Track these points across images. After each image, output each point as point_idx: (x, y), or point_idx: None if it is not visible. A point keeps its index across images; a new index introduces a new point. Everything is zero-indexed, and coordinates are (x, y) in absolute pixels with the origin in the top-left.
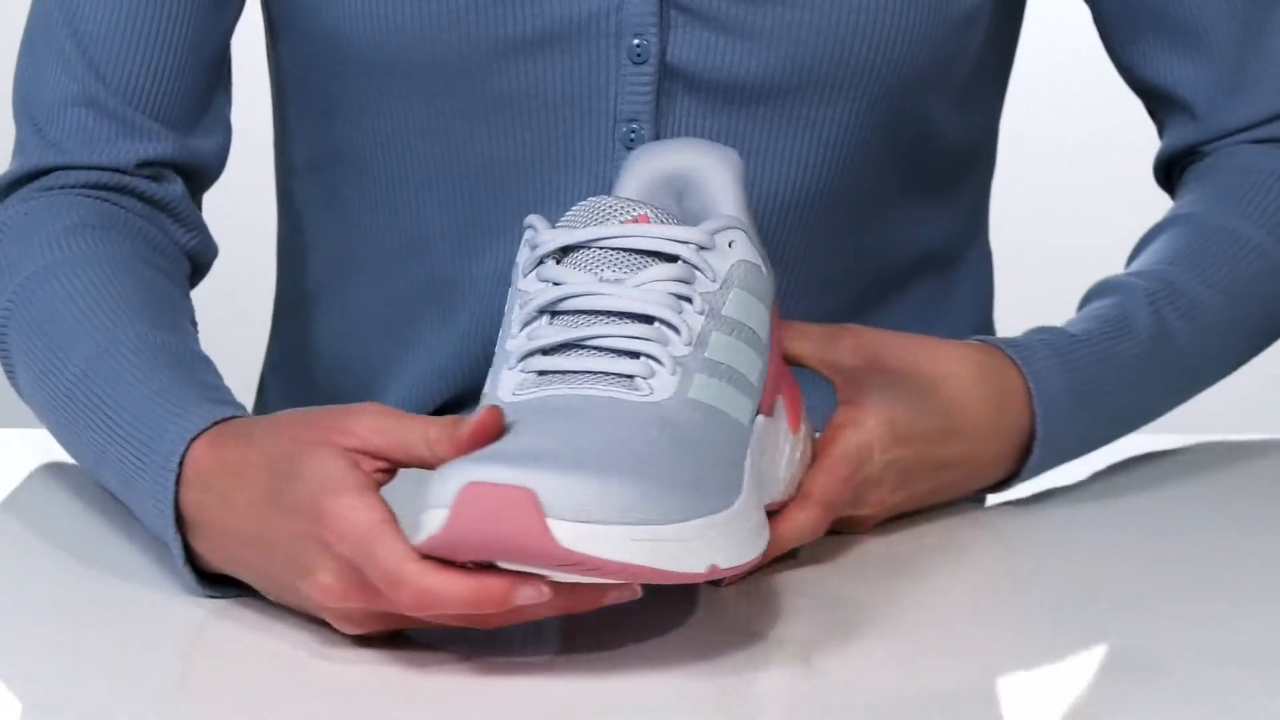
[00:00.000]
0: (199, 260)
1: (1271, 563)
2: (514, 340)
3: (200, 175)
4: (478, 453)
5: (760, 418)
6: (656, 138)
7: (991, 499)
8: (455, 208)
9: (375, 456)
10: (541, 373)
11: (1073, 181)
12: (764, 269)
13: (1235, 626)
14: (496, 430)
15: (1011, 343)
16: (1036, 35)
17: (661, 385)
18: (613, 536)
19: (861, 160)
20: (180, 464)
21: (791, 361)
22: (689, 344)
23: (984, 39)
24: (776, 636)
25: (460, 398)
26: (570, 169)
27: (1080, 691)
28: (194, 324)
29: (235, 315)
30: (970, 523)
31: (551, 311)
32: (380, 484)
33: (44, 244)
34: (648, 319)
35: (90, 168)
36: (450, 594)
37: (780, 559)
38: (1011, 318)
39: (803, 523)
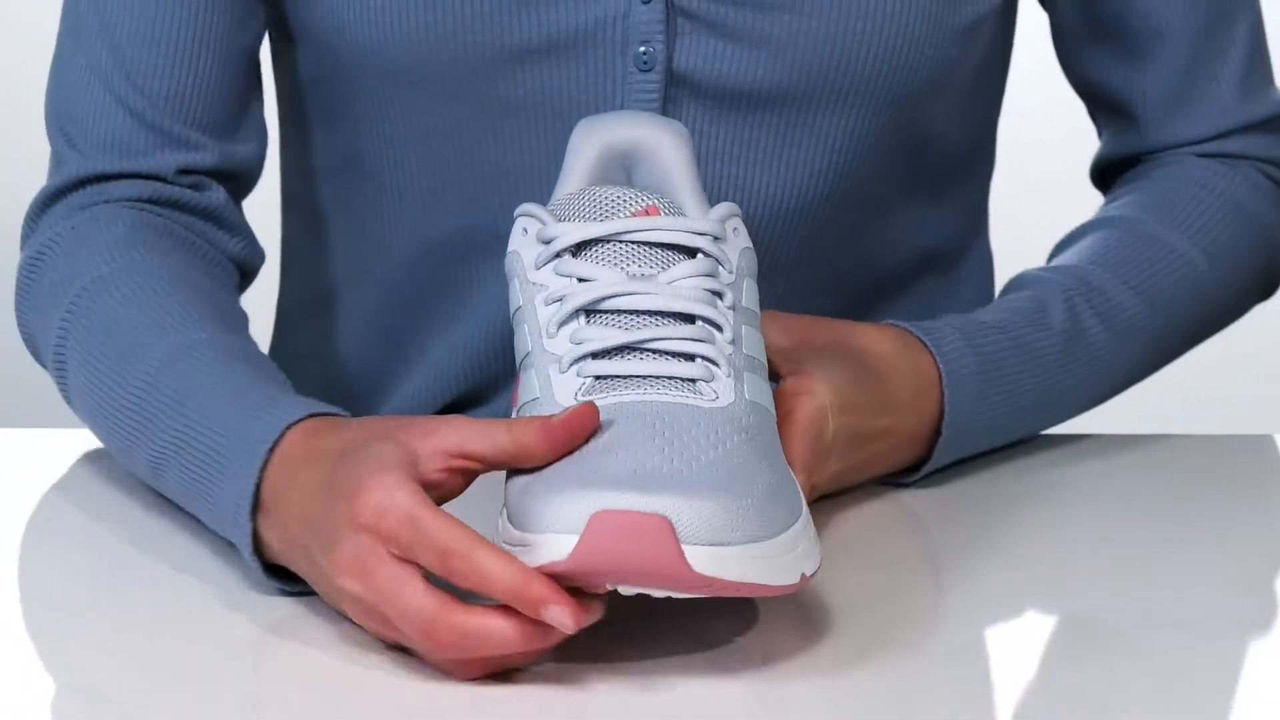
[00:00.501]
0: (246, 266)
1: (1212, 544)
2: (554, 340)
3: (241, 180)
4: (593, 474)
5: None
6: None
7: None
8: (463, 214)
9: (457, 454)
10: (599, 377)
11: (1072, 181)
12: (751, 248)
13: (1180, 599)
14: (591, 427)
15: (923, 326)
16: (1036, 35)
17: (723, 388)
18: (736, 557)
19: (865, 165)
20: (272, 449)
21: None
22: (731, 341)
23: (987, 44)
24: (779, 632)
25: (462, 400)
26: None
27: (1039, 653)
28: (247, 325)
29: None
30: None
31: (589, 311)
32: (450, 486)
33: (98, 255)
34: (690, 318)
35: (131, 176)
36: (501, 575)
37: None
38: None
39: None
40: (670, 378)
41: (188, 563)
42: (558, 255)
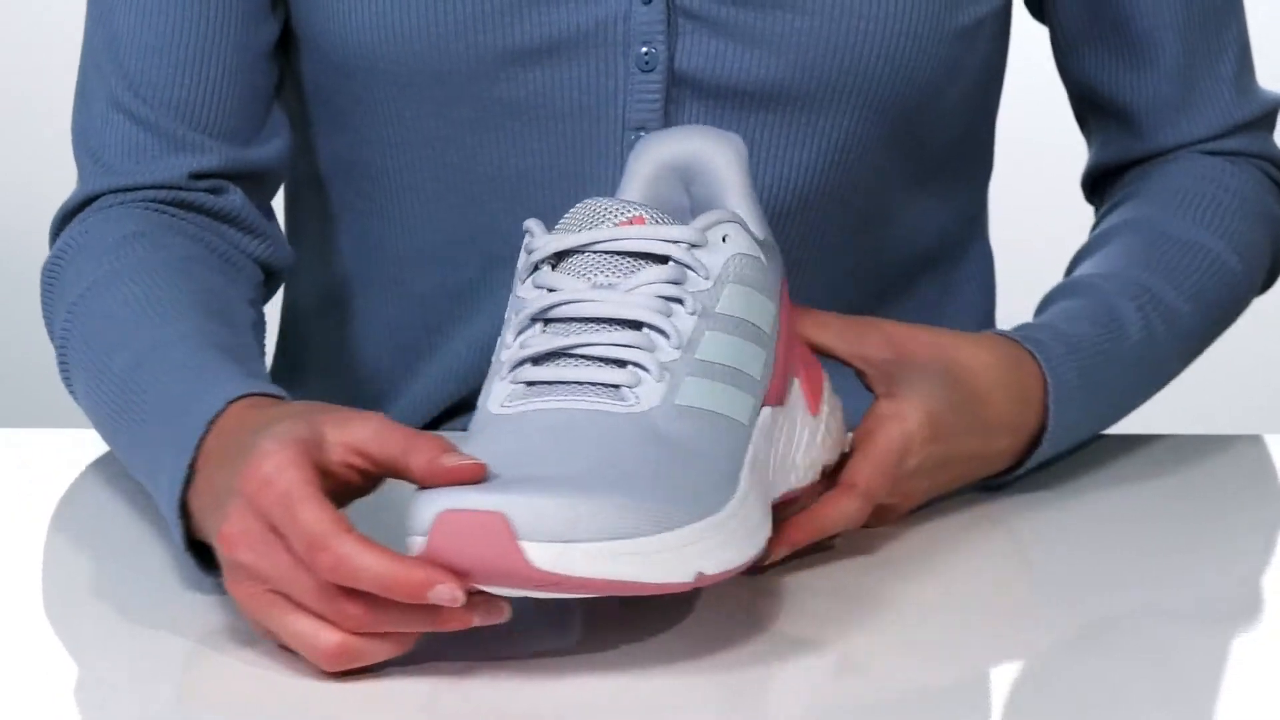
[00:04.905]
0: (273, 266)
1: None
2: (508, 350)
3: (261, 181)
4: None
5: (767, 409)
6: None
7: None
8: (465, 216)
9: (356, 451)
10: (530, 383)
11: (1072, 182)
12: (763, 259)
13: (1171, 598)
14: (475, 480)
15: (1028, 337)
16: (1036, 36)
17: (648, 394)
18: (590, 554)
19: (867, 164)
20: (209, 425)
21: (817, 351)
22: (678, 347)
23: (988, 44)
24: (788, 631)
25: (469, 402)
26: (580, 177)
27: (1034, 650)
28: (256, 325)
29: None
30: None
31: (545, 319)
32: (353, 482)
33: (100, 255)
34: (636, 325)
35: (144, 186)
36: (369, 567)
37: (814, 548)
38: (1012, 318)
39: (846, 510)
40: (594, 384)
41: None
42: (536, 268)
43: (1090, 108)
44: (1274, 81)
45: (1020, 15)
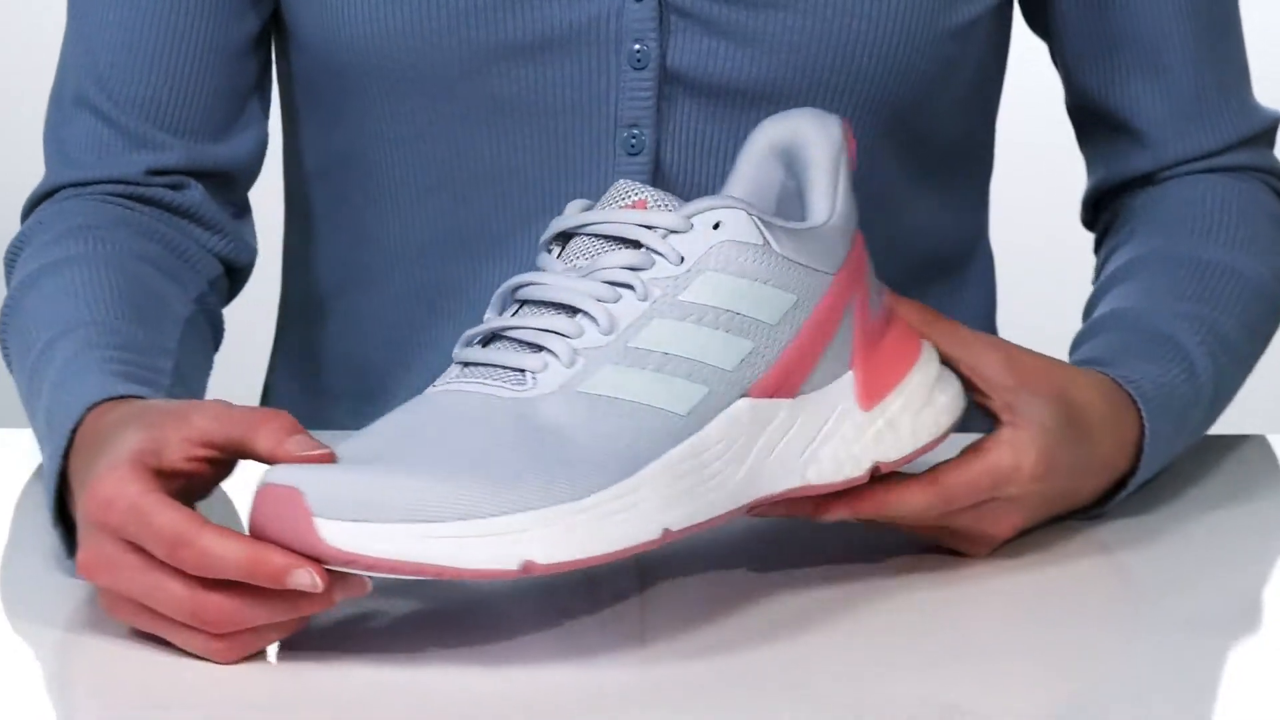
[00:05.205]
0: (233, 263)
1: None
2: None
3: (227, 179)
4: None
5: (748, 401)
6: (657, 143)
7: None
8: (457, 213)
9: (201, 443)
10: (465, 364)
11: (1072, 183)
12: (774, 245)
13: (1172, 598)
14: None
15: (1128, 379)
16: (1036, 36)
17: (548, 380)
18: (390, 535)
19: (862, 164)
20: (72, 435)
21: (942, 359)
22: (608, 333)
23: (984, 43)
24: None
25: None
26: (572, 174)
27: (1032, 649)
28: (192, 321)
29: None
30: None
31: (517, 300)
32: (202, 475)
33: (42, 248)
34: (572, 310)
35: (103, 181)
36: (228, 556)
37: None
38: (1011, 319)
39: (915, 499)
40: (509, 368)
41: None
42: (546, 250)
43: (1095, 122)
44: (1274, 81)
45: (1020, 16)
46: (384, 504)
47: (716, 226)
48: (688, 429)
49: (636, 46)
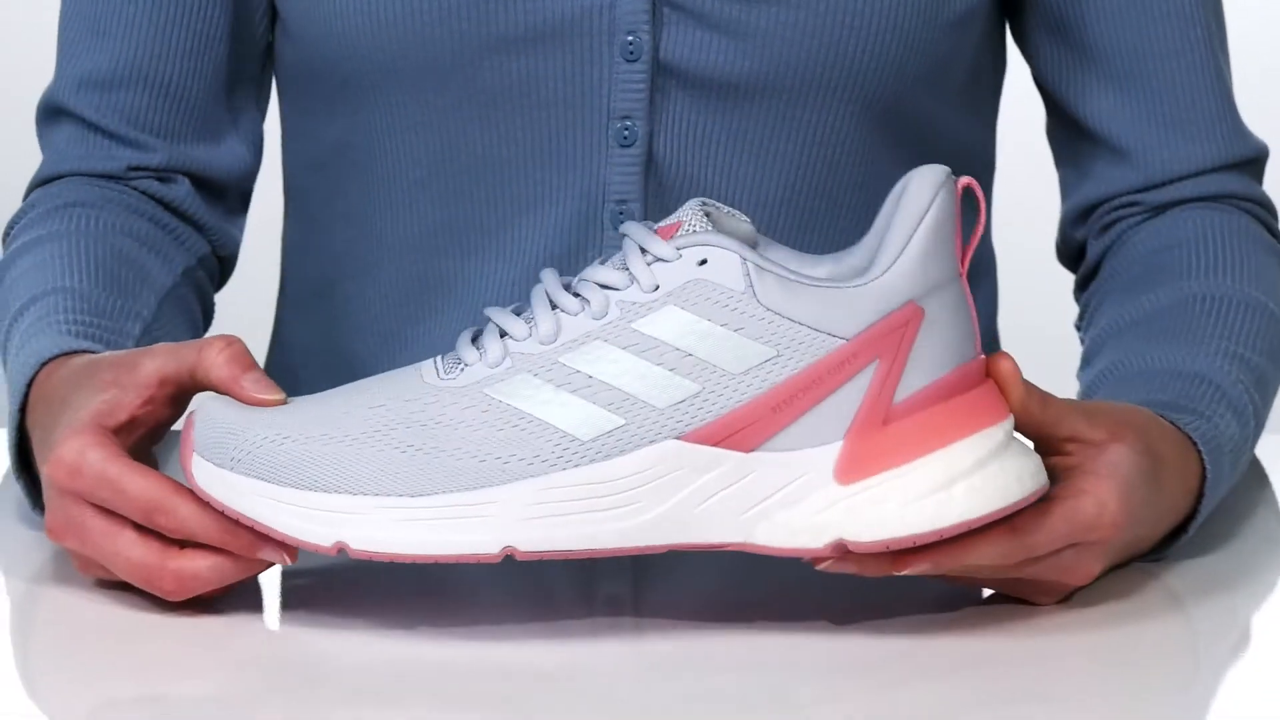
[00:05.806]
0: (217, 253)
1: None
2: None
3: (212, 178)
4: None
5: (682, 444)
6: (650, 135)
7: None
8: (450, 205)
9: (155, 384)
10: (448, 353)
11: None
12: (755, 293)
13: (1172, 599)
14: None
15: (1200, 430)
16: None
17: (471, 374)
18: (235, 485)
19: (858, 161)
20: (28, 387)
21: (1029, 429)
22: (547, 342)
23: (979, 40)
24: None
25: None
26: (564, 167)
27: (1030, 648)
28: (174, 291)
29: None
30: None
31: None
32: (158, 416)
33: (29, 225)
34: (529, 311)
35: (91, 174)
36: (205, 524)
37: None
38: (1011, 321)
39: (994, 548)
40: (456, 354)
41: None
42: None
43: (1074, 139)
44: (1270, 83)
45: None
46: (247, 458)
47: (702, 263)
48: (588, 456)
49: (629, 38)
